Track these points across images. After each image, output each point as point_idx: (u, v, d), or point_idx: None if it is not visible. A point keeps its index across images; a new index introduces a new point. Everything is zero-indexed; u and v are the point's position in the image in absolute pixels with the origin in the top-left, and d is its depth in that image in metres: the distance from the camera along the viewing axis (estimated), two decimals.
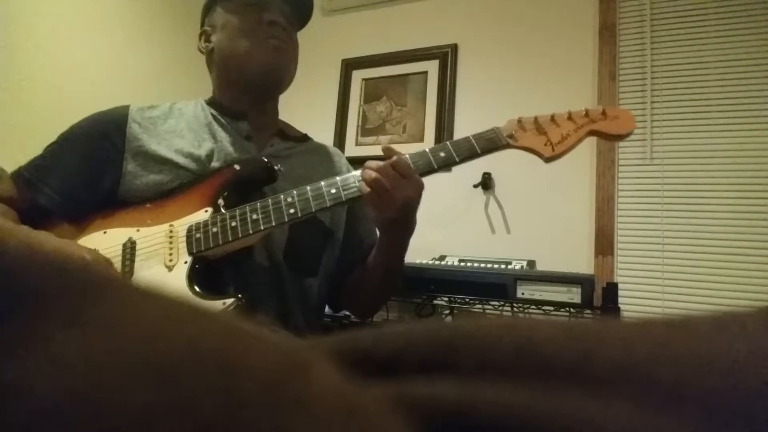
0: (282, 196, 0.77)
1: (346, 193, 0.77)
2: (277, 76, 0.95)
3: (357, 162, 1.12)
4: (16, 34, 1.40)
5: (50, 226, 0.81)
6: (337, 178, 0.78)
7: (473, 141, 0.78)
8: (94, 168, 0.86)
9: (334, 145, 2.10)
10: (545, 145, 0.76)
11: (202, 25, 1.00)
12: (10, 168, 0.89)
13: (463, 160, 0.77)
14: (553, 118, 0.78)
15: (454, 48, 2.02)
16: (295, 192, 0.78)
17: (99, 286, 0.15)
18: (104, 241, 0.81)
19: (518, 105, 1.87)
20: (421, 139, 1.98)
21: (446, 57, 2.01)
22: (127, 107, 0.92)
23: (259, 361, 0.14)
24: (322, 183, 0.78)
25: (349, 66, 2.19)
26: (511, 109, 1.84)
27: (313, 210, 0.76)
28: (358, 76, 2.17)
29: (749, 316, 0.18)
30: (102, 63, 1.66)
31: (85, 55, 1.60)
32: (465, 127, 1.95)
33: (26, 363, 0.12)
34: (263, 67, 0.91)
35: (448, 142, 0.79)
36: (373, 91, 2.13)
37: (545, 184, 1.75)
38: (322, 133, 2.10)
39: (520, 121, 0.79)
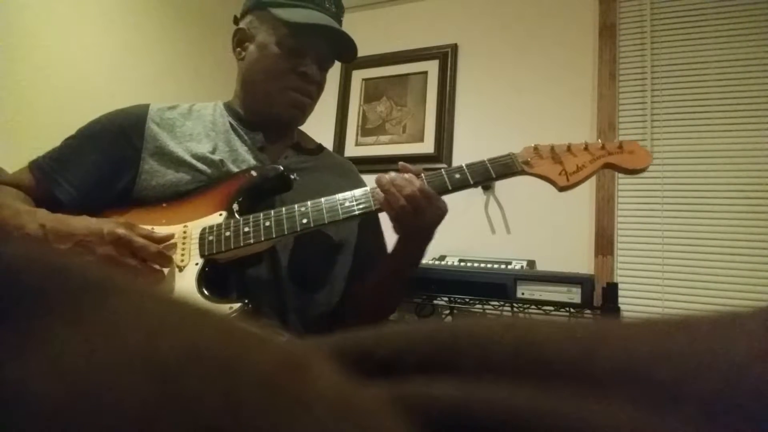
0: (296, 206, 0.78)
1: (359, 207, 0.77)
2: (291, 121, 0.96)
3: (357, 162, 1.13)
4: (16, 34, 1.40)
5: None
6: (351, 192, 0.79)
7: (489, 165, 0.78)
8: (111, 165, 0.86)
9: (334, 145, 2.11)
10: (560, 174, 0.77)
11: (244, 14, 0.95)
12: (10, 168, 0.89)
13: (476, 184, 0.77)
14: (569, 148, 0.79)
15: (454, 48, 2.02)
16: (309, 203, 0.78)
17: (99, 286, 0.15)
18: None
19: (518, 105, 1.88)
20: (421, 139, 1.98)
21: (446, 57, 2.01)
22: (146, 106, 0.92)
23: (259, 361, 0.14)
24: (337, 196, 0.78)
25: (349, 66, 2.19)
26: (511, 109, 1.87)
27: (326, 221, 0.76)
28: (358, 76, 2.17)
29: (749, 316, 0.18)
30: (102, 63, 1.66)
31: (85, 56, 1.60)
32: (465, 127, 1.95)
33: (27, 363, 0.12)
34: (278, 114, 0.93)
35: (463, 165, 0.79)
36: (373, 91, 2.13)
37: (545, 183, 1.75)
38: (322, 133, 2.10)
39: (536, 148, 0.79)
